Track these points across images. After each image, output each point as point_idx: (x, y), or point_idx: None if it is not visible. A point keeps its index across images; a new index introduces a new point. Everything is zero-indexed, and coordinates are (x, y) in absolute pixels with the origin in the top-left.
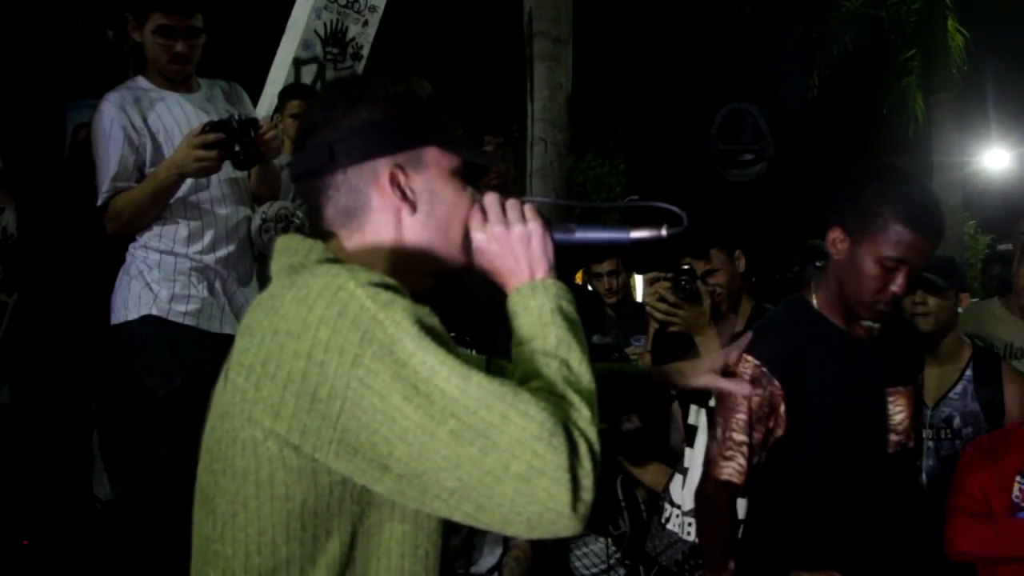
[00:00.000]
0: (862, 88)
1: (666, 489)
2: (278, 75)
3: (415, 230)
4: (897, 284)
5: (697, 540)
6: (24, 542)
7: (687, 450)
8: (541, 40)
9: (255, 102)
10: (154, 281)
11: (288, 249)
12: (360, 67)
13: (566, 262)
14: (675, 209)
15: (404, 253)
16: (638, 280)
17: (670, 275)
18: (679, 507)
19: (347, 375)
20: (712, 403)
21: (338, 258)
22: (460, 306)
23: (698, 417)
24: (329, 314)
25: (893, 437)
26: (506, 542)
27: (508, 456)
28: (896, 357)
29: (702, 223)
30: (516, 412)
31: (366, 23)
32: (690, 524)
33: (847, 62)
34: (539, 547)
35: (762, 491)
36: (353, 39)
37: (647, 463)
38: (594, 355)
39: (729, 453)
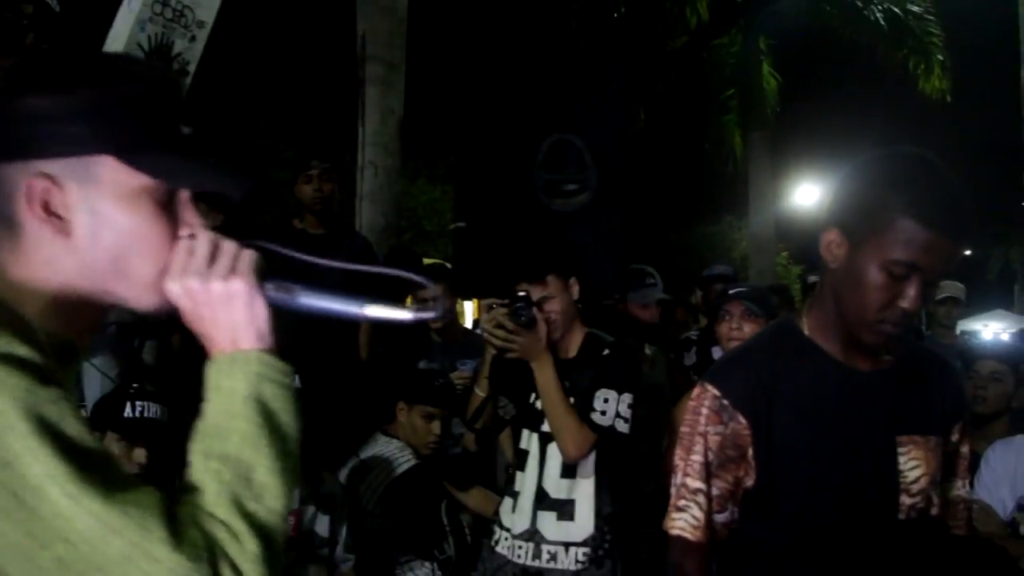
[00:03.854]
0: (685, 123)
1: (496, 512)
2: None
3: (74, 260)
4: (908, 298)
5: (526, 563)
6: None
7: (518, 474)
8: (374, 64)
9: None
10: None
11: None
12: (186, 84)
13: (392, 289)
14: (425, 282)
15: (65, 289)
16: (466, 306)
17: (507, 301)
18: (509, 530)
19: None
20: (545, 428)
21: None
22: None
23: (530, 442)
24: None
25: (906, 499)
26: (331, 570)
27: None
28: (916, 398)
29: (537, 249)
30: (140, 552)
31: (193, 38)
32: (520, 547)
33: (671, 98)
34: (364, 574)
35: (733, 559)
36: (179, 54)
37: (470, 487)
38: (420, 380)
39: (682, 503)
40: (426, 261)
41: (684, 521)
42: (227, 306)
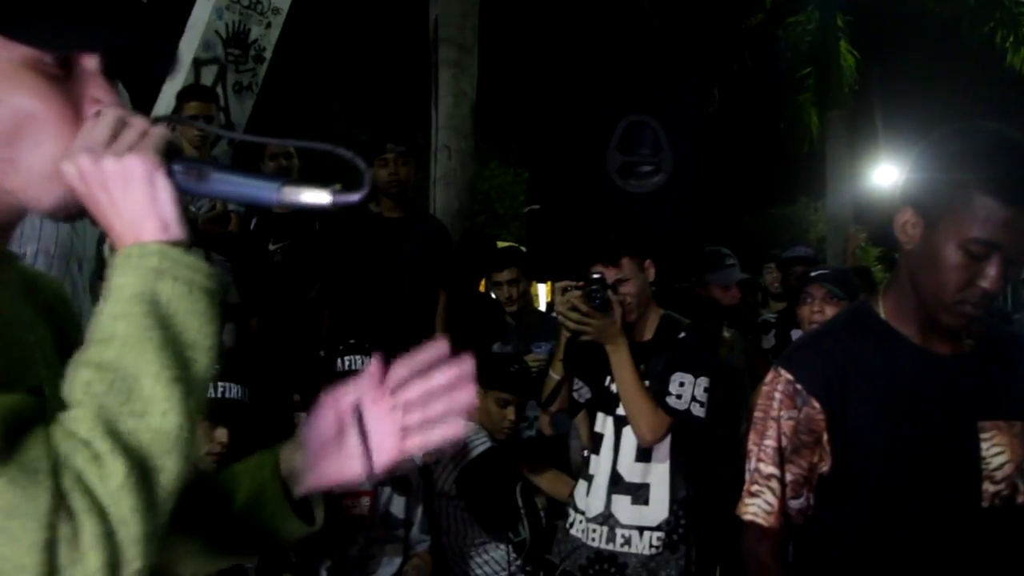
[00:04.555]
0: (760, 103)
1: (571, 495)
2: (177, 75)
3: None
4: (988, 277)
5: (600, 546)
6: None
7: (593, 457)
8: (446, 47)
9: (151, 102)
10: None
11: None
12: (262, 69)
13: (468, 272)
14: (359, 162)
15: None
16: (540, 289)
17: (581, 284)
18: (583, 513)
19: None
20: (620, 411)
21: None
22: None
23: (605, 425)
24: None
25: (990, 487)
26: (406, 551)
27: None
28: (999, 382)
29: (611, 231)
30: None
31: (269, 25)
32: (594, 530)
33: (746, 78)
34: (439, 555)
35: (809, 546)
36: (255, 40)
37: (545, 470)
38: (495, 366)
39: (755, 488)
40: (500, 244)
41: (757, 507)
42: (124, 189)
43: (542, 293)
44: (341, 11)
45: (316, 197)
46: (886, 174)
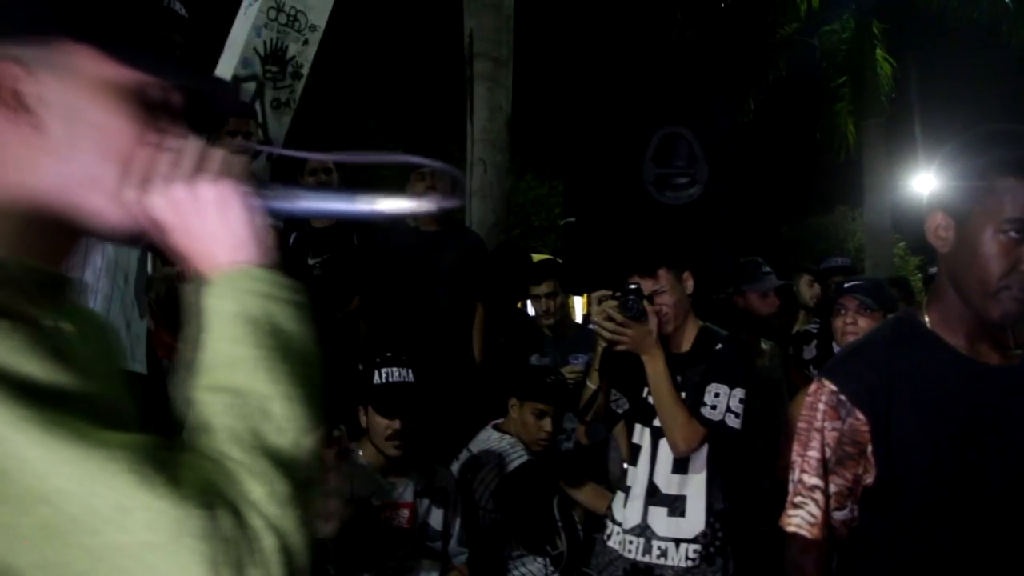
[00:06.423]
0: (796, 113)
1: (609, 507)
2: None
3: (47, 165)
4: None
5: (637, 558)
6: None
7: (630, 469)
8: (481, 61)
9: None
10: None
11: None
12: (300, 86)
13: (505, 285)
14: (450, 169)
15: (36, 202)
16: (576, 301)
17: (618, 294)
18: (620, 525)
19: None
20: (657, 422)
21: None
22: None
23: (642, 436)
24: None
25: None
26: (444, 563)
27: (132, 565)
28: None
29: (648, 243)
30: (137, 503)
31: (306, 42)
32: (631, 542)
33: (781, 88)
34: (477, 568)
35: (853, 558)
36: (293, 58)
37: (583, 483)
38: (532, 377)
39: (799, 499)
40: (535, 257)
41: (801, 518)
42: (221, 215)
43: (578, 305)
44: (377, 27)
45: (400, 204)
46: (925, 182)
